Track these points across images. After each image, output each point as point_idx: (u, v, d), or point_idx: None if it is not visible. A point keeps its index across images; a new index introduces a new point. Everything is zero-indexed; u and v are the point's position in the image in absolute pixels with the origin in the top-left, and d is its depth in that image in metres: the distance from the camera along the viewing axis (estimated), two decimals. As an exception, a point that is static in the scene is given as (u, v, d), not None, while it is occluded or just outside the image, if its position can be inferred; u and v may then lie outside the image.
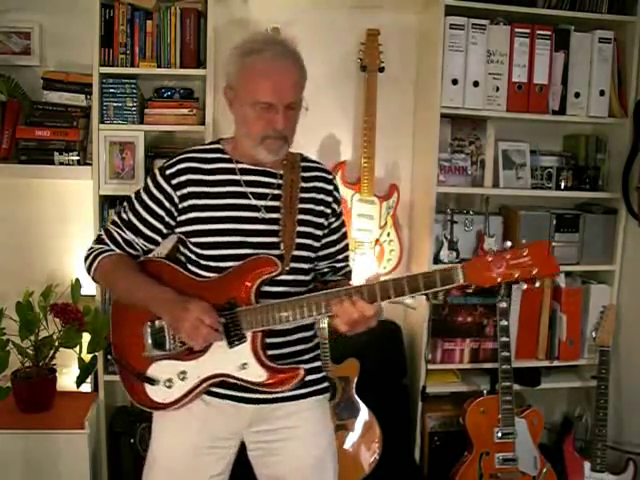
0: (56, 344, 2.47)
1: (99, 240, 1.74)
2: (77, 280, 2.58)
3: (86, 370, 2.53)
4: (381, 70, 2.74)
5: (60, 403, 2.55)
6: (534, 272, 1.45)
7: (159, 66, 2.55)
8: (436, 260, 2.74)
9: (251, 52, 1.58)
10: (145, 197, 1.68)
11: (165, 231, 1.69)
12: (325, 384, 1.78)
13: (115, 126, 2.56)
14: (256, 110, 1.58)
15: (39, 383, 2.49)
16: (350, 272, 1.84)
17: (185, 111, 2.59)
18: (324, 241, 1.74)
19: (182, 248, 1.71)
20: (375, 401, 2.63)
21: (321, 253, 1.75)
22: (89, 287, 2.63)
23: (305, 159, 1.75)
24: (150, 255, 1.76)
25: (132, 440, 2.61)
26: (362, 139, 2.74)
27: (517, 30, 2.68)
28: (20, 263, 2.73)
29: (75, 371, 2.56)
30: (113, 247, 1.71)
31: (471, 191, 2.85)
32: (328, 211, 1.72)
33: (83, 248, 2.65)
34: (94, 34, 2.48)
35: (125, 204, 1.73)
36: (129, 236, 1.70)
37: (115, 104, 2.55)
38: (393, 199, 2.82)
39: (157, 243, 1.72)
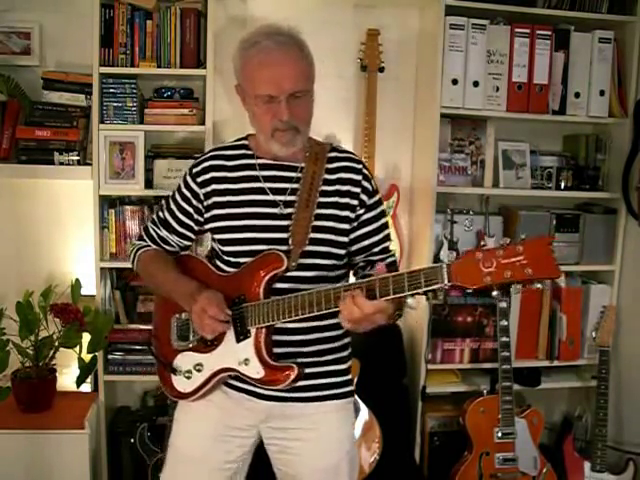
0: (56, 344, 2.47)
1: (139, 237, 1.82)
2: (77, 280, 2.59)
3: (86, 370, 2.53)
4: (381, 70, 2.74)
5: (60, 403, 2.55)
6: (528, 273, 1.25)
7: (159, 66, 2.55)
8: (436, 260, 2.74)
9: (249, 46, 1.57)
10: (177, 195, 1.73)
11: (196, 228, 1.74)
12: (348, 388, 1.74)
13: (115, 126, 2.56)
14: (260, 104, 1.56)
15: (39, 383, 2.50)
16: (393, 262, 1.71)
17: (185, 111, 2.59)
18: (355, 235, 1.66)
19: (212, 243, 1.75)
20: (375, 401, 2.63)
21: (354, 247, 1.68)
22: (89, 287, 2.63)
23: (335, 149, 1.70)
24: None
25: (132, 440, 2.61)
26: (362, 139, 2.74)
27: (517, 30, 2.68)
28: (20, 263, 2.73)
29: (75, 371, 2.56)
30: (150, 243, 1.78)
31: (471, 191, 2.85)
32: (354, 203, 1.64)
33: (83, 248, 2.69)
34: (94, 34, 2.48)
35: (163, 202, 1.79)
36: (163, 233, 1.76)
37: (115, 104, 2.55)
38: (393, 199, 2.83)
39: (190, 240, 1.77)
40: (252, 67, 1.56)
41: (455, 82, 2.64)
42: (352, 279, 1.74)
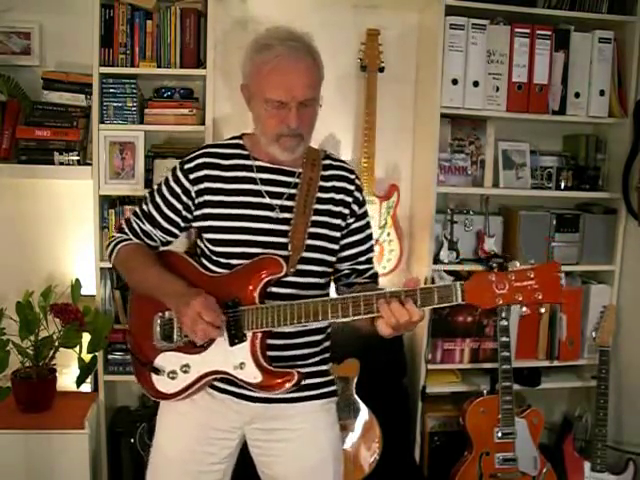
0: (56, 344, 2.47)
1: (120, 229, 1.76)
2: (77, 280, 2.59)
3: (86, 370, 2.53)
4: (381, 70, 2.74)
5: (60, 403, 2.55)
6: (538, 297, 1.36)
7: (159, 66, 2.55)
8: (436, 260, 2.74)
9: (263, 48, 1.56)
10: (164, 190, 1.69)
11: (182, 224, 1.71)
12: (332, 388, 1.75)
13: (115, 126, 2.56)
14: (269, 108, 1.56)
15: (39, 383, 2.49)
16: (376, 274, 1.78)
17: (185, 111, 2.59)
18: (343, 242, 1.70)
19: (198, 241, 1.72)
20: (375, 401, 2.63)
21: (341, 255, 1.71)
22: (89, 287, 2.63)
23: (328, 157, 1.72)
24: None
25: (132, 440, 2.61)
26: (362, 139, 2.74)
27: (517, 30, 2.68)
28: (20, 263, 2.73)
29: (75, 371, 2.56)
30: (132, 237, 1.73)
31: (471, 191, 2.85)
32: (346, 212, 1.68)
33: (83, 248, 2.69)
34: (94, 34, 2.48)
35: (147, 195, 1.75)
36: (147, 227, 1.72)
37: (115, 104, 2.55)
38: (393, 199, 2.82)
39: (175, 235, 1.74)
40: (264, 71, 1.55)
41: (455, 82, 2.64)
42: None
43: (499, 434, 2.61)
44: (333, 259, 1.70)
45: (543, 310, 1.41)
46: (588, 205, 2.96)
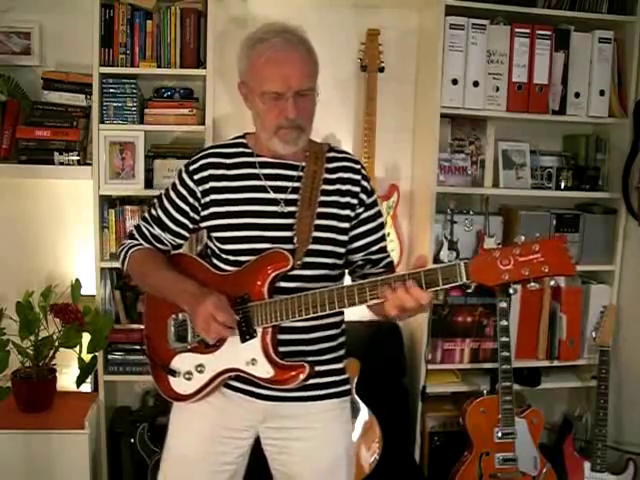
0: (56, 344, 2.48)
1: (130, 235, 1.78)
2: (77, 280, 2.59)
3: (86, 370, 2.53)
4: (381, 70, 2.74)
5: (60, 403, 2.55)
6: (545, 270, 1.30)
7: (159, 66, 2.56)
8: (436, 260, 2.74)
9: (257, 43, 1.57)
10: (171, 193, 1.70)
11: (191, 226, 1.71)
12: (346, 387, 1.75)
13: (115, 126, 2.56)
14: (266, 101, 1.56)
15: (39, 383, 2.50)
16: (391, 263, 1.75)
17: (185, 111, 2.59)
18: (354, 233, 1.68)
19: (208, 241, 1.73)
20: (375, 401, 2.63)
21: (353, 245, 1.69)
22: (89, 287, 2.63)
23: (332, 149, 1.72)
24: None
25: (132, 440, 2.61)
26: (362, 139, 2.74)
27: (517, 30, 2.68)
28: (20, 263, 2.73)
29: (75, 371, 2.56)
30: (142, 242, 1.74)
31: (471, 191, 2.85)
32: (355, 202, 1.66)
33: (83, 248, 2.69)
34: (94, 34, 2.48)
35: (155, 200, 1.76)
36: (157, 231, 1.73)
37: (115, 104, 2.55)
38: (393, 199, 2.83)
39: (184, 238, 1.75)
40: (260, 64, 1.55)
41: (455, 82, 2.64)
42: (347, 278, 1.76)
43: (499, 434, 2.61)
44: (343, 250, 1.68)
45: (552, 283, 1.37)
46: (588, 205, 2.96)
